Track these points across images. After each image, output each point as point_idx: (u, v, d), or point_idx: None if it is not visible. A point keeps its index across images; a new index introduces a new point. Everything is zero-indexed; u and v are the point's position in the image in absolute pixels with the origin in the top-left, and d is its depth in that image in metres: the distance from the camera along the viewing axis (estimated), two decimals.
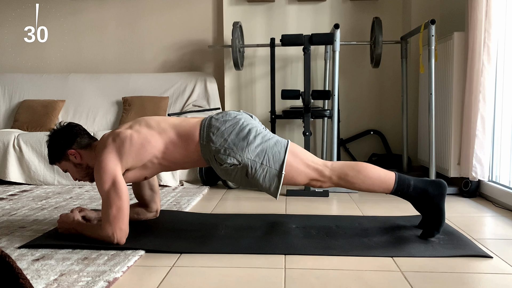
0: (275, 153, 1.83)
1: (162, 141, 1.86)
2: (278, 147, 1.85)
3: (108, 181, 1.74)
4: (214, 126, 1.86)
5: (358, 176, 1.87)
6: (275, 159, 1.83)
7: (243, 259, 1.68)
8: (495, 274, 1.53)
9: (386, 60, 3.71)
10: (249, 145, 1.82)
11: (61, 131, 1.93)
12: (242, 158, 1.81)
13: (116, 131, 1.87)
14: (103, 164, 1.77)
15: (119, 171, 1.78)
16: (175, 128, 1.89)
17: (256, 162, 1.82)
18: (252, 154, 1.82)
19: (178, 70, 4.11)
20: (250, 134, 1.84)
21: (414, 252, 1.71)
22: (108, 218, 1.74)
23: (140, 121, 1.92)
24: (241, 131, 1.84)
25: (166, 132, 1.87)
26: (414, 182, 1.85)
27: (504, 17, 2.58)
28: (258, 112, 3.92)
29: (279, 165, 1.82)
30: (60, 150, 1.91)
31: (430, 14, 3.48)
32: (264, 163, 1.82)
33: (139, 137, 1.83)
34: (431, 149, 2.89)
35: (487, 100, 2.57)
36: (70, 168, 1.95)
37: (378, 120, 3.87)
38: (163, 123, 1.91)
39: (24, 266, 1.59)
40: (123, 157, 1.80)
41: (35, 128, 3.66)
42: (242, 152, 1.81)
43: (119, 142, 1.82)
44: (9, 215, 2.35)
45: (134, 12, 4.06)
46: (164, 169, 1.93)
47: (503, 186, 2.55)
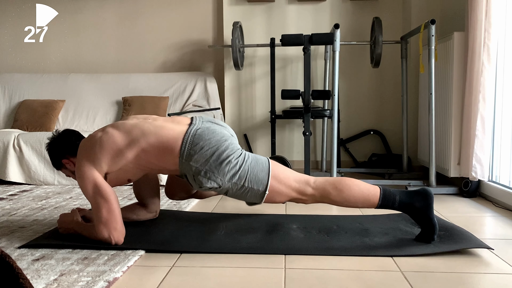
0: (257, 174, 1.80)
1: (131, 149, 1.78)
2: (260, 168, 1.81)
3: (89, 186, 1.74)
4: (198, 144, 1.78)
5: (341, 195, 1.82)
6: (258, 180, 1.80)
7: (243, 259, 1.67)
8: (495, 274, 1.53)
9: (386, 60, 3.71)
10: (231, 169, 1.78)
11: (56, 141, 1.95)
12: (223, 182, 1.79)
13: (90, 135, 1.87)
14: (80, 172, 1.77)
15: (97, 175, 1.76)
16: (152, 135, 1.79)
17: (237, 184, 1.80)
18: (233, 178, 1.78)
19: (178, 70, 4.11)
20: (233, 157, 1.79)
21: (415, 250, 1.71)
22: (101, 221, 1.74)
23: (117, 124, 1.86)
24: (223, 153, 1.78)
25: (137, 141, 1.78)
26: (400, 197, 1.81)
27: (504, 17, 2.58)
28: (258, 112, 3.92)
29: (263, 185, 1.80)
30: (57, 160, 1.95)
31: (430, 14, 3.48)
32: (246, 185, 1.80)
33: (108, 141, 1.78)
34: (431, 149, 2.89)
35: (487, 100, 2.57)
36: (70, 174, 1.98)
37: (378, 120, 3.87)
38: (137, 129, 1.81)
39: (24, 266, 1.59)
40: (95, 161, 1.77)
41: (35, 128, 3.66)
42: (223, 176, 1.78)
43: (89, 147, 1.81)
44: (9, 215, 2.35)
45: (134, 12, 4.06)
46: (146, 172, 1.89)
47: (503, 186, 2.55)
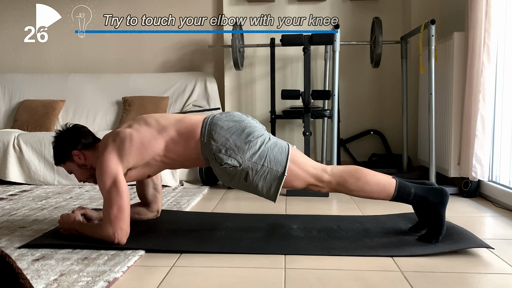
0: (276, 155, 1.82)
1: (162, 139, 1.85)
2: (279, 149, 1.84)
3: (109, 181, 1.74)
4: (217, 124, 1.84)
5: (358, 183, 1.82)
6: (277, 161, 1.81)
7: (243, 259, 1.67)
8: (495, 274, 1.53)
9: (386, 60, 3.71)
10: (251, 147, 1.80)
11: (67, 132, 1.94)
12: (243, 160, 1.80)
13: (116, 131, 1.87)
14: (104, 164, 1.76)
15: (120, 171, 1.78)
16: (175, 125, 1.87)
17: (257, 164, 1.80)
18: (253, 156, 1.80)
19: (178, 70, 4.11)
20: (252, 136, 1.83)
21: (415, 251, 1.71)
22: (109, 217, 1.74)
23: (139, 120, 1.92)
24: (243, 132, 1.83)
25: (165, 130, 1.86)
26: (415, 190, 1.80)
27: (504, 17, 2.58)
28: (258, 112, 3.92)
29: (281, 167, 1.81)
30: (65, 151, 1.92)
31: (430, 14, 3.48)
32: (265, 165, 1.81)
33: (138, 136, 1.83)
34: (431, 149, 2.89)
35: (487, 100, 2.57)
36: (75, 169, 1.95)
37: (378, 120, 3.87)
38: (162, 120, 1.89)
39: (24, 266, 1.59)
40: (124, 156, 1.80)
41: (35, 128, 3.66)
42: (243, 154, 1.80)
43: (119, 141, 1.81)
44: (9, 215, 2.35)
45: (134, 11, 4.06)
46: (167, 167, 1.92)
47: (503, 186, 2.55)
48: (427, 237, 1.80)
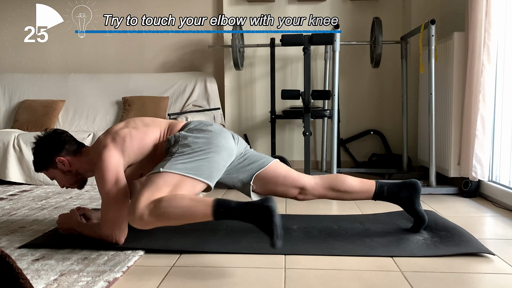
0: (199, 162, 1.74)
1: (158, 132, 1.90)
2: (205, 165, 1.75)
3: (110, 179, 1.73)
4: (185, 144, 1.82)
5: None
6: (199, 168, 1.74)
7: (243, 259, 1.68)
8: (495, 274, 1.53)
9: (386, 60, 3.71)
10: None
11: (48, 138, 1.89)
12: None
13: (113, 131, 1.87)
14: (106, 163, 1.75)
15: (121, 169, 1.78)
16: (164, 122, 1.96)
17: (184, 145, 1.81)
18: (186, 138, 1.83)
19: (178, 70, 4.11)
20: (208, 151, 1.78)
21: (416, 252, 1.71)
22: (108, 217, 1.73)
23: (135, 120, 1.95)
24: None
25: (161, 125, 1.93)
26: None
27: (504, 17, 2.58)
28: (258, 112, 3.92)
29: (173, 168, 1.71)
30: (48, 158, 1.87)
31: (430, 14, 3.48)
32: (180, 150, 1.79)
33: (137, 132, 1.86)
34: (431, 149, 2.89)
35: (487, 100, 2.57)
36: (58, 176, 1.91)
37: (378, 120, 3.87)
38: (157, 119, 1.98)
39: (24, 266, 1.59)
40: (125, 152, 1.80)
41: (35, 128, 3.66)
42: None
43: (120, 139, 1.81)
44: (9, 215, 2.35)
45: (134, 11, 4.06)
46: (151, 166, 1.90)
47: (503, 186, 2.55)
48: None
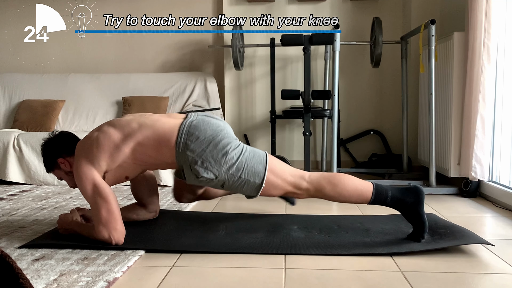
0: (254, 166, 1.80)
1: (128, 142, 1.79)
2: (258, 160, 1.82)
3: (88, 186, 1.73)
4: (194, 134, 1.79)
5: (335, 189, 1.84)
6: (255, 172, 1.80)
7: (243, 259, 1.68)
8: (495, 274, 1.53)
9: (386, 60, 3.71)
10: (228, 160, 1.78)
11: (52, 140, 1.94)
12: (220, 173, 1.78)
13: (87, 135, 1.87)
14: (79, 172, 1.76)
15: (96, 174, 1.76)
16: (148, 128, 1.81)
17: (234, 175, 1.79)
18: (230, 169, 1.78)
19: (178, 70, 4.11)
20: (230, 147, 1.80)
21: (415, 247, 1.72)
22: (101, 221, 1.73)
23: (111, 122, 1.89)
24: (220, 142, 1.79)
25: (133, 133, 1.80)
26: (392, 193, 1.84)
27: (504, 17, 2.58)
28: (258, 112, 3.92)
29: (259, 178, 1.80)
30: (51, 159, 1.92)
31: (430, 14, 3.48)
32: (243, 177, 1.80)
33: (104, 138, 1.80)
34: (431, 149, 2.89)
35: (487, 100, 2.57)
36: (64, 176, 1.94)
37: (378, 120, 3.87)
38: (134, 123, 1.83)
39: (24, 266, 1.59)
40: (94, 160, 1.77)
41: (35, 128, 3.66)
42: (220, 166, 1.77)
43: (86, 147, 1.80)
44: (9, 215, 2.35)
45: (134, 11, 4.06)
46: (143, 168, 1.89)
47: (503, 186, 2.55)
48: (413, 236, 1.83)
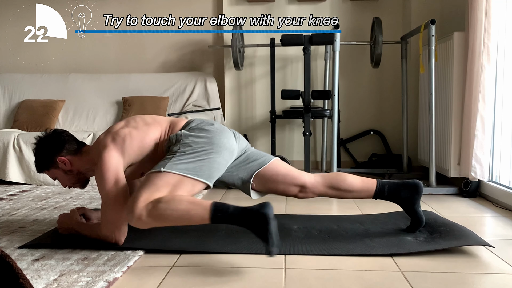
0: (197, 162, 1.75)
1: (159, 131, 1.88)
2: (204, 167, 1.76)
3: (110, 180, 1.72)
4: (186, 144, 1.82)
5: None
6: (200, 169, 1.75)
7: (243, 259, 1.67)
8: (495, 274, 1.53)
9: (386, 60, 3.71)
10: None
11: (49, 138, 1.89)
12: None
13: (113, 131, 1.86)
14: (106, 163, 1.74)
15: (121, 169, 1.77)
16: (170, 121, 1.95)
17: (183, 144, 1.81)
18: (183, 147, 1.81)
19: (178, 70, 4.11)
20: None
21: (415, 247, 1.72)
22: (108, 218, 1.73)
23: (135, 119, 1.93)
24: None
25: (162, 123, 1.91)
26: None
27: (504, 17, 2.58)
28: (258, 112, 3.92)
29: (178, 170, 1.73)
30: (49, 158, 1.87)
31: (430, 14, 3.48)
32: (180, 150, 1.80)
33: (138, 132, 1.84)
34: (431, 149, 2.89)
35: (486, 100, 2.57)
36: (60, 176, 1.91)
37: (378, 120, 3.87)
38: (158, 117, 1.96)
39: (24, 266, 1.59)
40: (125, 152, 1.79)
41: (35, 128, 3.66)
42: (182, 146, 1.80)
43: (120, 140, 1.80)
44: (9, 215, 2.35)
45: (134, 11, 4.06)
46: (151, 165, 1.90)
47: (503, 186, 2.55)
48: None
